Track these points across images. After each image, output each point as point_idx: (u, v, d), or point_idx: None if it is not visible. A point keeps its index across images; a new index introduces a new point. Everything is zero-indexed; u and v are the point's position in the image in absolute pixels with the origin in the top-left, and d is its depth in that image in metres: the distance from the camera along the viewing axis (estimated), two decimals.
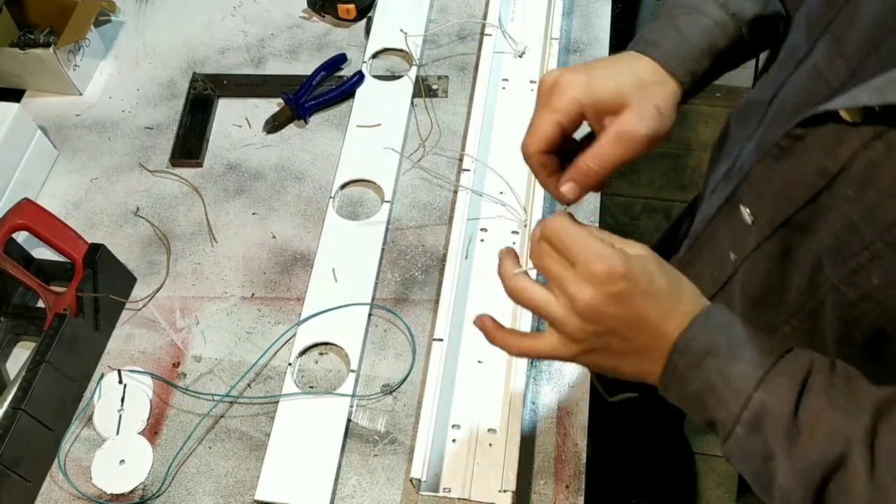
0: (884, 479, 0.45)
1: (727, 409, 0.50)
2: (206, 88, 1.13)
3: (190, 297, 0.96)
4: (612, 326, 0.52)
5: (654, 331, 0.52)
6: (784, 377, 0.49)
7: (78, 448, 0.86)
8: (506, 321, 0.88)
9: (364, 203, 1.02)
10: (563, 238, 0.53)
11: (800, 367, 0.50)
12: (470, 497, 0.79)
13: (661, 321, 0.52)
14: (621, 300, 0.51)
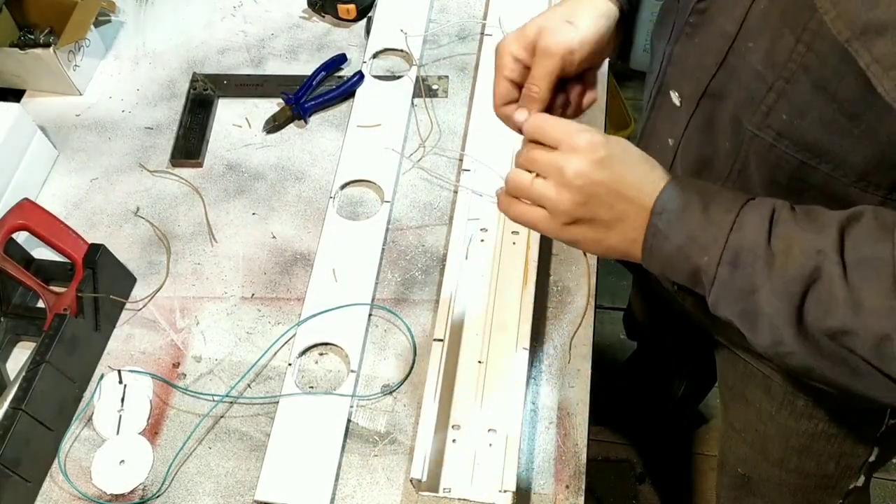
0: (855, 281, 0.50)
1: (708, 253, 0.55)
2: (206, 88, 1.13)
3: (190, 297, 0.96)
4: (598, 193, 0.58)
5: (634, 194, 0.58)
6: (753, 214, 0.55)
7: (78, 448, 0.86)
8: (511, 316, 0.88)
9: (364, 203, 1.02)
10: (543, 126, 0.60)
11: (765, 207, 0.55)
12: (470, 497, 0.79)
13: (640, 185, 0.58)
14: (604, 164, 0.58)
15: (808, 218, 0.54)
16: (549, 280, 0.93)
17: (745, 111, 0.60)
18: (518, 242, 0.94)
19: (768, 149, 0.59)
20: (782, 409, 0.85)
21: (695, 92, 0.65)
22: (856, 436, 0.84)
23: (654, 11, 0.76)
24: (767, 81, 0.56)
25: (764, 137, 0.59)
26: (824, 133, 0.55)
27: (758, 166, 0.61)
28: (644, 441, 1.68)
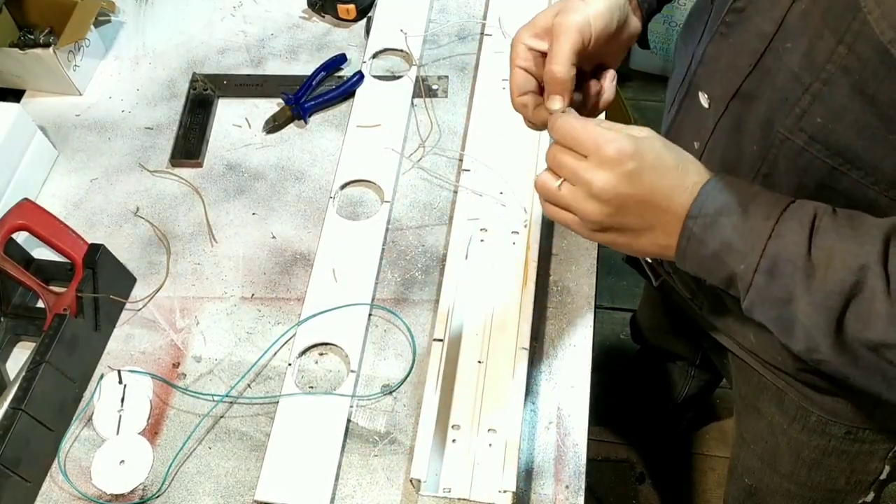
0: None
1: (745, 261, 0.54)
2: (206, 88, 1.13)
3: (190, 297, 0.96)
4: (626, 205, 0.57)
5: (665, 204, 0.57)
6: (793, 222, 0.54)
7: (78, 448, 0.86)
8: (511, 316, 0.88)
9: (364, 203, 1.02)
10: (571, 132, 0.58)
11: (806, 213, 0.54)
12: (470, 497, 0.79)
13: (672, 194, 0.56)
14: (633, 178, 0.56)
15: (850, 225, 0.53)
16: (549, 280, 0.93)
17: (777, 113, 0.58)
18: (518, 242, 0.94)
19: (798, 153, 0.58)
20: (795, 423, 0.85)
21: (725, 93, 0.63)
22: (868, 453, 0.83)
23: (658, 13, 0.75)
24: (804, 83, 0.55)
25: (795, 141, 0.58)
26: (858, 138, 0.54)
27: (786, 171, 0.60)
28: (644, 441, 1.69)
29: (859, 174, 0.56)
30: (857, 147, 0.55)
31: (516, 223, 0.96)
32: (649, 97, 2.12)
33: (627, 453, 1.68)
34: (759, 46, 0.59)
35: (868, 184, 0.56)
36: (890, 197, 0.56)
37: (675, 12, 1.97)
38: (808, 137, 0.57)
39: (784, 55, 0.57)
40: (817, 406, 0.81)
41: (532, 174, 0.97)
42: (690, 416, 1.58)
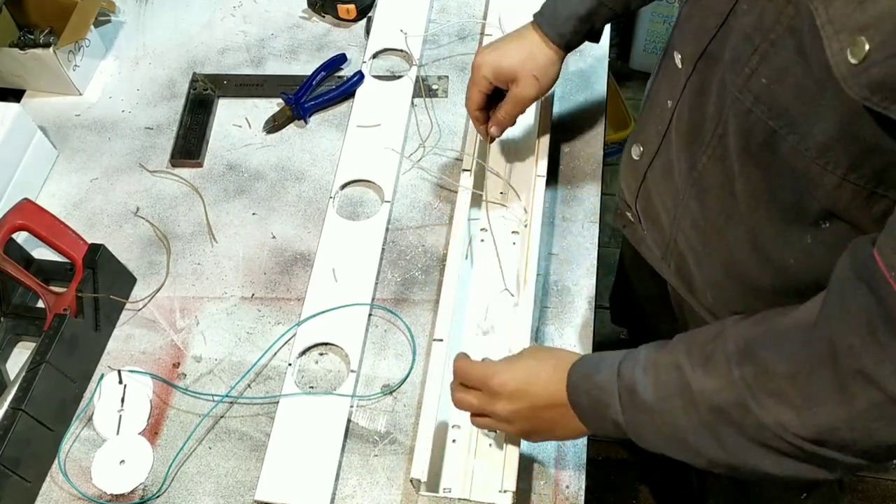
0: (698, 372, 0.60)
1: (612, 407, 0.64)
2: (206, 88, 1.13)
3: (190, 297, 0.96)
4: (526, 416, 0.71)
5: (552, 402, 0.69)
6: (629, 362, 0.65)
7: (78, 448, 0.86)
8: (511, 316, 0.88)
9: (364, 203, 1.02)
10: (466, 373, 0.74)
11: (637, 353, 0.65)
12: (470, 497, 0.79)
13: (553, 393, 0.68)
14: (517, 396, 0.70)
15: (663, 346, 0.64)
16: (549, 280, 0.93)
17: (730, 73, 0.61)
18: (518, 242, 0.94)
19: (746, 113, 0.61)
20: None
21: (694, 53, 0.67)
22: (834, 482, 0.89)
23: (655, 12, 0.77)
24: (755, 43, 0.58)
25: (743, 101, 0.60)
26: (796, 100, 0.56)
27: (735, 132, 0.63)
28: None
29: (795, 139, 0.58)
30: (794, 109, 0.57)
31: (516, 223, 0.96)
32: None
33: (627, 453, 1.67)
34: (725, 8, 0.62)
35: (802, 149, 0.58)
36: (820, 164, 0.57)
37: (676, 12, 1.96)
38: (754, 98, 0.59)
39: (741, 16, 0.60)
40: None
41: (532, 174, 0.97)
42: None
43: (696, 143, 0.68)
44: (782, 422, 0.54)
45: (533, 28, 0.87)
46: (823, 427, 0.52)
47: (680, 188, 0.73)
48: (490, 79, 0.88)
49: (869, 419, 0.50)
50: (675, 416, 0.60)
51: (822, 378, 0.51)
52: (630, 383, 0.63)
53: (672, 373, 0.61)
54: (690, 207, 0.72)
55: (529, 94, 0.87)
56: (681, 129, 0.71)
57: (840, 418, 0.51)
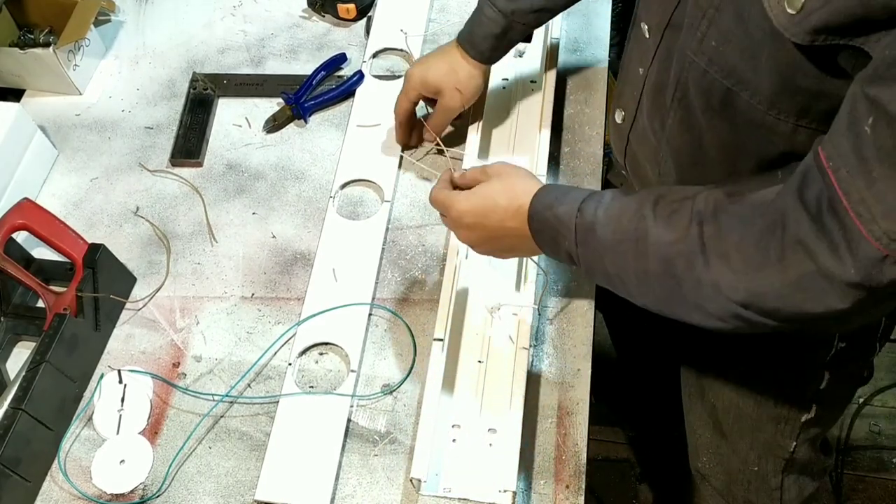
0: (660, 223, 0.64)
1: (567, 239, 0.70)
2: (206, 88, 1.13)
3: (190, 297, 0.96)
4: (484, 240, 0.79)
5: (510, 231, 0.75)
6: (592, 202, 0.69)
7: (78, 448, 0.86)
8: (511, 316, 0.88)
9: (364, 203, 1.02)
10: (435, 201, 0.81)
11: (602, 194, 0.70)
12: (470, 497, 0.79)
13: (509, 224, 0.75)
14: (475, 227, 0.77)
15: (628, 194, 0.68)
16: (549, 279, 0.93)
17: (686, 38, 0.66)
18: None
19: (702, 74, 0.65)
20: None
21: (661, 23, 0.71)
22: (807, 359, 0.88)
23: None
24: (703, 9, 0.63)
25: (699, 63, 0.65)
26: (741, 60, 0.61)
27: (696, 92, 0.68)
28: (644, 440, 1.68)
29: (747, 94, 0.63)
30: (741, 68, 0.62)
31: None
32: None
33: (627, 453, 1.67)
34: None
35: (755, 104, 0.62)
36: (773, 116, 0.62)
37: None
38: (708, 59, 0.64)
39: None
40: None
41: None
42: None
43: (664, 104, 0.74)
44: (719, 282, 0.59)
45: (456, 45, 0.95)
46: (753, 292, 0.58)
47: (657, 147, 0.78)
48: (419, 90, 0.97)
49: (797, 288, 0.56)
50: (626, 260, 0.66)
51: (766, 246, 0.57)
52: (589, 222, 0.68)
53: (633, 220, 0.65)
54: (669, 164, 0.78)
55: (453, 105, 0.96)
56: (651, 93, 0.76)
57: (772, 285, 0.57)
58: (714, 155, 0.71)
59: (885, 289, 0.52)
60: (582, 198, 0.70)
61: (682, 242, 0.62)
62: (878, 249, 0.50)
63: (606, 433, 1.69)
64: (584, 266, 0.70)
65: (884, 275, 0.51)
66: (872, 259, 0.51)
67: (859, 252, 0.51)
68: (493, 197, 0.76)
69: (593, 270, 0.70)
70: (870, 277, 0.52)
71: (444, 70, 0.95)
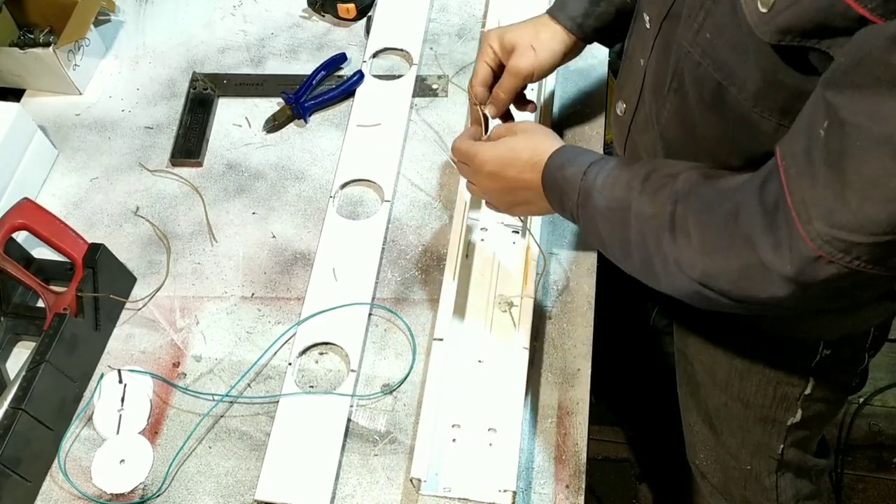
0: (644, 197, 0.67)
1: (570, 199, 0.73)
2: (206, 88, 1.13)
3: (190, 297, 0.96)
4: (500, 190, 0.81)
5: (525, 184, 0.78)
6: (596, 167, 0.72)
7: (78, 448, 0.86)
8: (511, 316, 0.88)
9: (364, 203, 1.02)
10: (458, 150, 0.84)
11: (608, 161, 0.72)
12: (470, 497, 0.79)
13: (525, 177, 0.77)
14: (495, 177, 0.80)
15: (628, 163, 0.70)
16: (549, 280, 0.93)
17: (684, 29, 0.67)
18: (518, 242, 0.94)
19: (696, 66, 0.66)
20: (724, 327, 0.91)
21: (660, 13, 0.72)
22: (792, 363, 0.89)
23: None
24: (702, 1, 0.63)
25: (693, 54, 0.66)
26: (731, 54, 0.62)
27: (690, 83, 0.69)
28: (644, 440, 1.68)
29: (735, 89, 0.63)
30: (731, 62, 0.63)
31: (516, 223, 0.96)
32: None
33: (627, 453, 1.67)
34: None
35: (742, 99, 0.63)
36: (757, 113, 0.63)
37: None
38: (702, 51, 0.65)
39: None
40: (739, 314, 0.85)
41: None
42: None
43: (662, 95, 0.74)
44: (680, 259, 0.62)
45: (546, 15, 0.89)
46: (707, 273, 0.61)
47: (656, 139, 0.78)
48: (495, 48, 0.88)
49: (742, 275, 0.58)
50: (613, 227, 0.69)
51: (720, 232, 0.60)
52: (589, 186, 0.71)
53: (625, 191, 0.68)
54: (665, 155, 0.78)
55: (523, 65, 0.86)
56: (651, 86, 0.77)
57: (721, 269, 0.60)
58: (706, 148, 0.72)
59: (819, 285, 0.54)
60: (590, 161, 0.73)
61: (656, 219, 0.64)
62: (812, 249, 0.52)
63: (606, 433, 1.69)
64: (583, 227, 0.74)
65: (818, 273, 0.53)
66: (807, 258, 0.53)
67: (797, 250, 0.53)
68: (515, 149, 0.78)
69: (589, 232, 0.73)
70: (804, 274, 0.54)
71: (527, 29, 0.88)
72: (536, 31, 0.87)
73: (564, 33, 0.88)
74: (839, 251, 0.51)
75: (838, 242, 0.51)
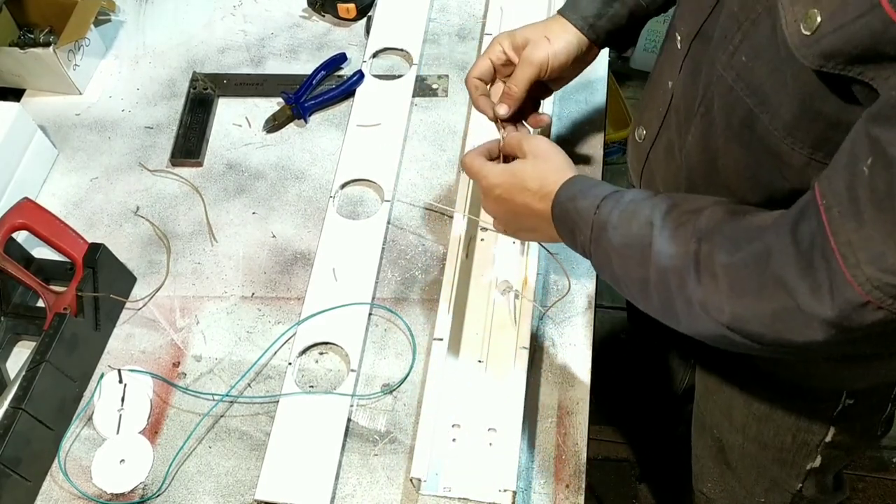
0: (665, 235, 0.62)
1: (583, 234, 0.69)
2: (206, 88, 1.13)
3: (190, 297, 0.96)
4: (506, 215, 0.78)
5: (533, 211, 0.74)
6: (611, 200, 0.68)
7: (78, 448, 0.86)
8: (511, 316, 0.88)
9: (364, 203, 1.02)
10: (467, 169, 0.79)
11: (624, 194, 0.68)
12: (470, 497, 0.79)
13: (534, 205, 0.73)
14: (500, 200, 0.76)
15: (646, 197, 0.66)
16: (549, 280, 0.93)
17: (717, 50, 0.64)
18: (518, 242, 0.94)
19: (728, 90, 0.63)
20: (745, 371, 0.88)
21: (690, 32, 0.69)
22: (813, 411, 0.86)
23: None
24: (739, 21, 0.60)
25: (727, 78, 0.63)
26: (768, 78, 0.59)
27: (719, 108, 0.66)
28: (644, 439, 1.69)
29: (767, 117, 0.61)
30: (767, 87, 0.60)
31: None
32: None
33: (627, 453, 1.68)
34: None
35: (773, 129, 0.61)
36: (788, 144, 0.60)
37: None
38: (736, 75, 0.62)
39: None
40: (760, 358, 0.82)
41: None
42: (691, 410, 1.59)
43: (688, 120, 0.72)
44: (706, 302, 0.59)
45: (558, 14, 0.86)
46: (737, 316, 0.57)
47: (678, 167, 0.76)
48: (504, 47, 0.85)
49: (776, 319, 0.55)
50: (629, 265, 0.65)
51: (751, 275, 0.56)
52: (604, 221, 0.67)
53: (643, 227, 0.64)
54: (684, 188, 0.76)
55: (538, 55, 0.82)
56: (678, 108, 0.74)
57: (753, 312, 0.56)
58: (725, 181, 0.69)
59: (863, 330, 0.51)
60: (604, 195, 0.68)
61: (679, 258, 0.61)
62: (859, 294, 0.49)
63: (606, 433, 1.69)
64: (595, 263, 0.70)
65: (864, 318, 0.50)
66: (853, 303, 0.50)
67: (841, 294, 0.50)
68: (524, 178, 0.75)
69: (602, 268, 0.70)
70: (848, 319, 0.51)
71: (537, 25, 0.85)
72: (548, 27, 0.85)
73: (576, 33, 0.84)
74: (889, 296, 0.48)
75: (889, 288, 0.48)
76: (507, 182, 0.76)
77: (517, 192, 0.75)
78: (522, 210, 0.75)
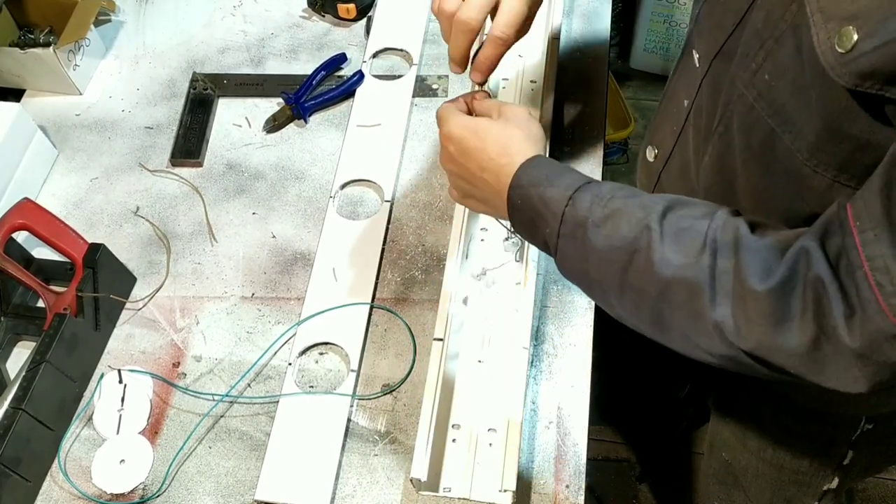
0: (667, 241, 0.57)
1: (549, 226, 0.62)
2: (206, 88, 1.13)
3: (190, 297, 0.96)
4: (461, 177, 0.71)
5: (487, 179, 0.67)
6: (587, 194, 0.61)
7: (78, 448, 0.86)
8: (511, 316, 0.88)
9: (364, 203, 1.02)
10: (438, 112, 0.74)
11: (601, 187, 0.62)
12: (470, 497, 0.79)
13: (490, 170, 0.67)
14: (455, 158, 0.70)
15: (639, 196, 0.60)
16: (549, 280, 0.93)
17: (739, 69, 0.62)
18: (518, 242, 0.94)
19: (749, 109, 0.61)
20: (762, 395, 0.87)
21: (710, 51, 0.67)
22: (831, 435, 0.85)
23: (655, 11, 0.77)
24: (762, 39, 0.58)
25: (748, 97, 0.61)
26: (791, 97, 0.57)
27: (739, 127, 0.64)
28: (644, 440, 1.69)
29: (790, 138, 0.58)
30: (790, 107, 0.57)
31: None
32: (649, 97, 2.12)
33: (627, 453, 1.68)
34: (744, 6, 0.62)
35: (795, 150, 0.58)
36: (810, 167, 0.58)
37: (676, 12, 1.97)
38: (758, 93, 0.60)
39: (754, 12, 0.60)
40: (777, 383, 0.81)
41: None
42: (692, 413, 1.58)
43: (705, 139, 0.69)
44: (725, 325, 0.54)
45: None
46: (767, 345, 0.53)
47: (694, 188, 0.73)
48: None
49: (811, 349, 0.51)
50: (612, 269, 0.59)
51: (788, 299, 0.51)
52: (581, 217, 0.60)
53: (636, 229, 0.58)
54: None
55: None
56: (697, 127, 0.71)
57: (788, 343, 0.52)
58: (742, 203, 0.66)
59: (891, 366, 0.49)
60: (577, 185, 0.62)
61: (688, 269, 0.55)
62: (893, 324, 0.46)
63: (606, 433, 1.69)
64: (561, 261, 0.63)
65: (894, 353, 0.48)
66: (885, 333, 0.47)
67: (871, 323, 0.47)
68: (484, 138, 0.68)
69: (571, 268, 0.63)
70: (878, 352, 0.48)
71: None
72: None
73: None
74: None
75: None
76: (465, 137, 0.69)
77: (472, 154, 0.68)
78: (473, 177, 0.69)
